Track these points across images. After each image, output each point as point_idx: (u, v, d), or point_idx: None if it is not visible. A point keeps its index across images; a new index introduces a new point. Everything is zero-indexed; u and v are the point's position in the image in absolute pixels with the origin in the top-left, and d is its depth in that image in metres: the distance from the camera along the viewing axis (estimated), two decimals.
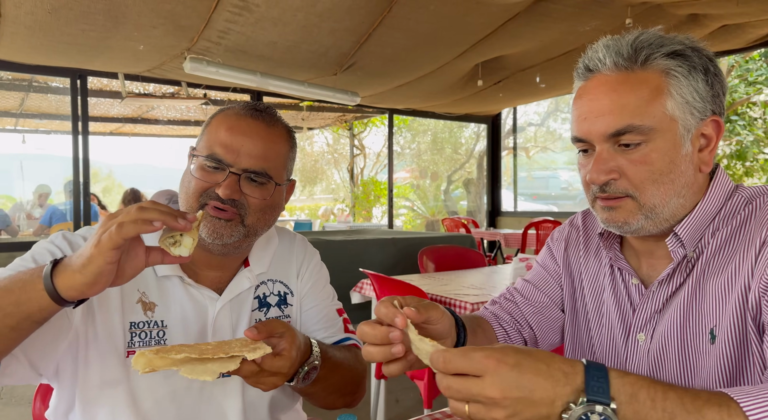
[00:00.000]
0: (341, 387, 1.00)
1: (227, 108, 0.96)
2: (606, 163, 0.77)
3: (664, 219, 0.79)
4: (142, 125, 8.40)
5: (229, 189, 0.88)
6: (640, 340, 0.85)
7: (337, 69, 4.83)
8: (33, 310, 0.69)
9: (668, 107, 0.75)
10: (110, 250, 0.66)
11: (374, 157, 11.39)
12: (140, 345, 0.88)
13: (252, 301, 1.00)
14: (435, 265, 3.36)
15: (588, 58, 0.80)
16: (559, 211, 8.95)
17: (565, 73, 5.53)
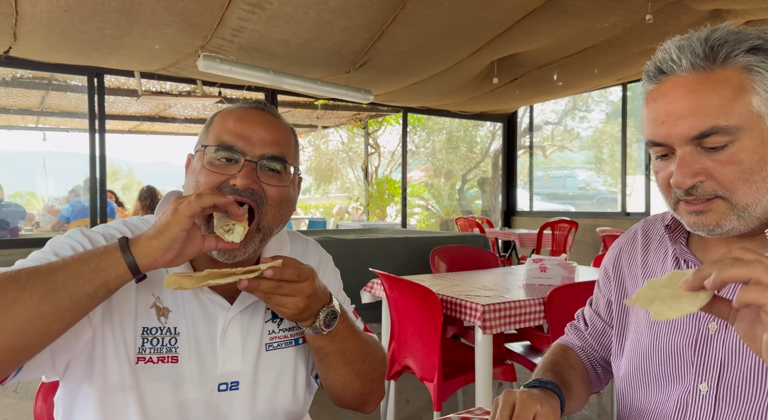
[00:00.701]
0: (360, 360, 0.97)
1: (226, 107, 0.94)
2: (691, 166, 0.73)
3: (756, 217, 0.74)
4: (159, 123, 8.50)
5: (247, 178, 0.85)
6: (711, 329, 0.80)
7: (350, 67, 4.80)
8: (110, 277, 0.73)
9: (754, 104, 0.71)
10: (187, 216, 0.74)
11: (389, 156, 11.37)
12: (151, 352, 0.86)
13: (265, 312, 0.97)
14: (447, 266, 3.32)
15: (659, 61, 0.76)
16: (576, 211, 8.82)
17: (583, 70, 5.43)
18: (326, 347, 0.92)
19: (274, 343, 0.96)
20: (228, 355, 0.91)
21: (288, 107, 7.41)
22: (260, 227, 0.88)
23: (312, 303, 0.85)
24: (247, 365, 0.93)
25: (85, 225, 5.36)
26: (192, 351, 0.89)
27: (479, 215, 8.79)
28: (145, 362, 0.86)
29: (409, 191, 7.71)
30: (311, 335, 0.90)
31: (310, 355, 1.02)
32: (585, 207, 9.33)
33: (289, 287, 0.82)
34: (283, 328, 0.98)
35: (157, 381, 0.86)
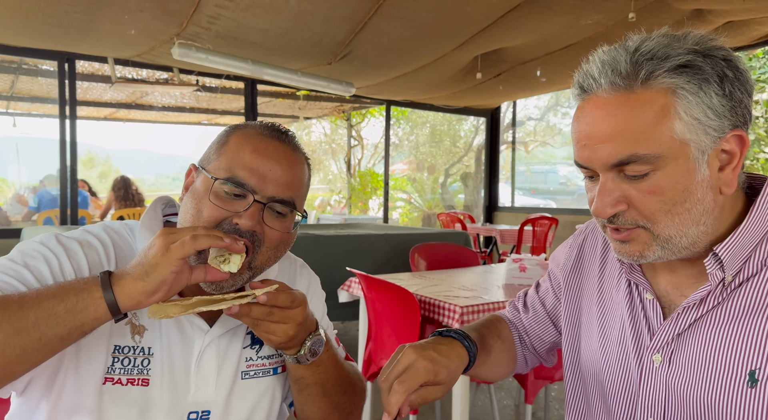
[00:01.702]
0: (339, 393, 0.92)
1: (245, 126, 0.86)
2: (611, 194, 0.69)
3: (683, 247, 0.70)
4: (136, 111, 8.30)
5: (252, 219, 0.78)
6: (655, 361, 0.77)
7: (332, 58, 4.71)
8: (87, 319, 0.68)
9: (677, 130, 0.65)
10: (179, 258, 0.68)
11: (372, 149, 11.29)
12: (121, 372, 0.80)
13: (244, 338, 0.91)
14: (427, 264, 3.28)
15: (582, 76, 0.71)
16: (557, 207, 8.88)
17: (566, 67, 5.42)
18: (308, 378, 0.87)
19: (251, 371, 0.91)
20: (201, 381, 0.85)
21: (269, 97, 7.28)
22: (252, 266, 0.82)
23: (300, 331, 0.81)
24: (220, 393, 0.87)
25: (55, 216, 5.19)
26: (164, 375, 0.83)
27: (462, 210, 8.80)
28: (113, 383, 0.80)
29: (391, 185, 7.67)
30: (293, 365, 0.86)
31: (286, 384, 0.97)
32: (566, 202, 9.42)
33: (281, 314, 0.77)
34: (262, 355, 0.93)
35: (123, 405, 0.80)
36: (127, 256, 0.85)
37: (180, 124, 9.94)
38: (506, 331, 1.03)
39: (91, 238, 0.84)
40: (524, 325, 1.04)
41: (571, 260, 0.97)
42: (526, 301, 1.07)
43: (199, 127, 10.30)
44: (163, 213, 0.93)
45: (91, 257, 0.82)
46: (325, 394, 0.90)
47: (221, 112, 8.71)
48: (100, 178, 15.19)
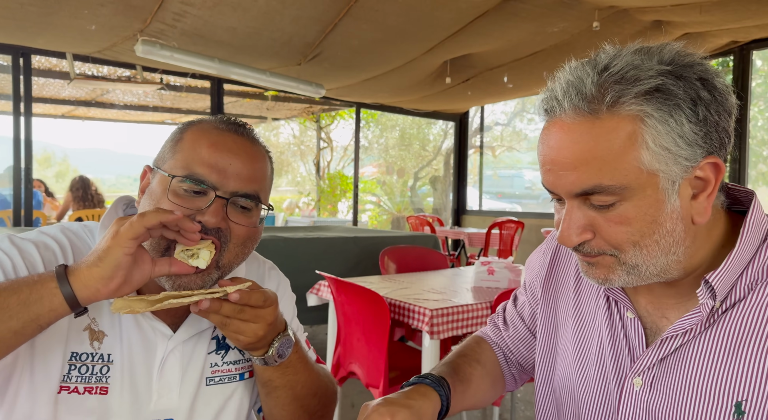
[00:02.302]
0: (309, 395, 0.89)
1: (200, 121, 0.82)
2: (577, 223, 0.66)
3: (653, 274, 0.67)
4: (96, 109, 8.01)
5: (216, 216, 0.75)
6: (635, 385, 0.73)
7: (302, 59, 4.66)
8: (42, 311, 0.65)
9: (644, 161, 0.61)
10: (129, 239, 0.66)
11: (341, 151, 11.24)
12: (78, 380, 0.76)
13: (209, 343, 0.88)
14: (396, 266, 3.28)
15: (546, 97, 0.66)
16: (522, 210, 9.05)
17: (532, 74, 5.53)
18: (276, 380, 0.84)
19: (216, 377, 0.88)
20: (164, 388, 0.82)
21: (236, 97, 7.15)
22: (220, 265, 0.79)
23: (270, 331, 0.78)
24: (183, 401, 0.83)
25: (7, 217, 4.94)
26: (125, 382, 0.79)
27: (431, 213, 8.86)
28: (69, 392, 0.75)
29: (361, 187, 7.65)
30: (261, 367, 0.82)
31: (254, 390, 0.94)
32: (531, 206, 9.60)
33: (252, 313, 0.74)
34: (228, 361, 0.89)
35: (79, 414, 0.76)
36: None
37: (143, 123, 9.66)
38: (487, 353, 0.99)
39: (47, 239, 0.80)
40: (507, 344, 1.01)
41: (545, 267, 0.93)
42: (506, 317, 1.03)
43: (163, 127, 10.04)
44: (125, 213, 0.89)
45: (48, 259, 0.78)
46: (295, 397, 0.87)
47: (186, 111, 8.51)
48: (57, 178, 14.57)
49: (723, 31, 4.36)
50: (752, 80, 5.02)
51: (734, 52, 4.98)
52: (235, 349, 0.90)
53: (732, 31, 4.42)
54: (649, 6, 3.78)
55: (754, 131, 5.34)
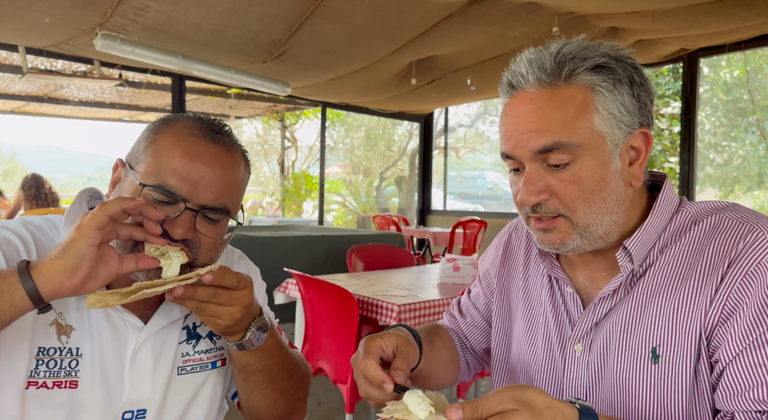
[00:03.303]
0: (285, 378, 0.91)
1: (176, 121, 0.81)
2: (536, 184, 0.75)
3: (599, 237, 0.76)
4: (49, 105, 7.67)
5: (184, 227, 0.75)
6: (577, 351, 0.83)
7: (267, 57, 4.63)
8: (3, 307, 0.64)
9: (595, 123, 0.72)
10: (93, 229, 0.65)
11: (306, 151, 11.16)
12: (46, 375, 0.75)
13: (180, 333, 0.88)
14: (364, 264, 3.31)
15: (511, 74, 0.77)
16: (485, 210, 9.24)
17: (494, 76, 5.67)
18: (253, 364, 0.85)
19: (188, 367, 0.88)
20: (137, 380, 0.82)
21: (197, 94, 7.01)
22: (193, 267, 0.79)
23: (246, 314, 0.79)
24: (156, 391, 0.84)
25: None
26: (95, 375, 0.79)
27: (396, 213, 8.92)
28: (37, 387, 0.75)
29: (326, 187, 7.63)
30: (237, 352, 0.83)
31: (227, 378, 0.95)
32: (493, 206, 9.81)
33: (226, 295, 0.75)
34: (199, 350, 0.90)
35: (48, 409, 0.75)
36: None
37: (98, 120, 9.32)
38: (445, 333, 1.05)
39: (9, 234, 0.78)
40: (462, 331, 1.07)
41: (498, 259, 1.02)
42: (461, 308, 1.10)
43: (120, 124, 9.71)
44: (89, 206, 0.88)
45: (9, 255, 0.76)
46: (271, 381, 0.89)
47: (145, 108, 8.27)
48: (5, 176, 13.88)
49: (673, 38, 4.60)
50: (700, 86, 5.31)
51: (683, 59, 5.25)
52: (206, 338, 0.91)
53: (681, 39, 4.67)
54: (605, 13, 3.95)
55: (702, 135, 5.64)
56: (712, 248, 0.74)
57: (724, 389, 0.70)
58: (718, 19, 3.97)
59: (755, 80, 5.23)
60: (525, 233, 1.00)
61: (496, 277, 1.01)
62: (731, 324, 0.70)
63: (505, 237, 1.04)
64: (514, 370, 0.95)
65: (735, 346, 0.69)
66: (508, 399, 0.60)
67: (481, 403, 0.60)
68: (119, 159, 0.83)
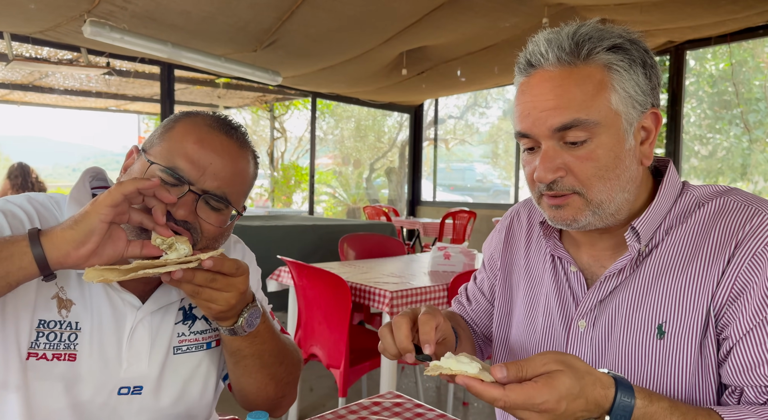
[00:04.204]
0: (276, 363, 0.93)
1: (195, 114, 0.85)
2: (553, 161, 0.76)
3: (610, 214, 0.79)
4: (33, 93, 7.55)
5: (185, 208, 0.78)
6: (580, 327, 0.85)
7: (258, 45, 4.60)
8: (12, 268, 0.66)
9: (612, 101, 0.75)
10: (107, 206, 0.67)
11: (296, 142, 11.11)
12: (46, 347, 0.77)
13: (177, 313, 0.90)
14: (356, 253, 3.33)
15: (529, 53, 0.78)
16: (474, 201, 9.30)
17: (484, 68, 5.70)
18: (245, 349, 0.87)
19: (183, 347, 0.90)
20: (134, 357, 0.84)
21: (186, 84, 6.94)
22: None
23: (240, 301, 0.80)
24: (152, 369, 0.86)
25: None
26: (93, 350, 0.81)
27: (386, 204, 8.95)
28: (38, 359, 0.77)
29: (316, 178, 7.62)
30: (229, 337, 0.85)
31: (221, 358, 0.97)
32: (482, 198, 9.87)
33: (224, 281, 0.77)
34: (194, 331, 0.92)
35: (48, 380, 0.78)
36: None
37: (84, 109, 9.18)
38: (462, 322, 1.08)
39: (14, 208, 0.80)
40: (472, 317, 1.10)
41: (501, 242, 1.05)
42: (468, 295, 1.13)
43: (107, 114, 9.58)
44: (91, 185, 0.90)
45: (15, 227, 0.78)
46: (263, 365, 0.91)
47: (132, 97, 8.17)
48: None
49: (661, 30, 4.65)
50: (686, 79, 5.38)
51: (670, 51, 5.32)
52: (201, 319, 0.93)
53: (669, 31, 4.73)
54: (594, 4, 3.98)
55: (687, 127, 5.73)
56: (719, 230, 0.77)
57: (734, 365, 0.73)
58: (705, 12, 4.03)
59: (740, 73, 5.31)
60: (526, 217, 1.02)
61: (499, 260, 1.04)
62: (741, 303, 0.73)
63: (507, 221, 1.06)
64: (513, 350, 0.98)
65: (746, 323, 0.72)
66: (553, 361, 0.62)
67: (526, 364, 0.62)
68: (134, 146, 0.86)
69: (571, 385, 0.61)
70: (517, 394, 0.60)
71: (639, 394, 0.65)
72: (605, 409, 0.63)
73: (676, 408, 0.67)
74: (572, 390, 0.61)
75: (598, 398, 0.63)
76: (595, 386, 0.63)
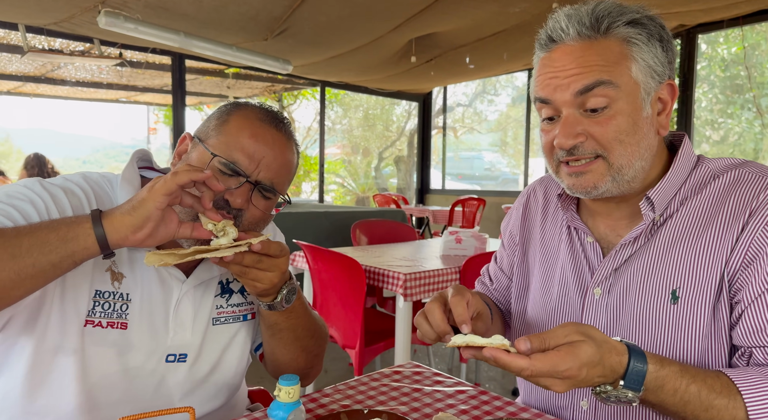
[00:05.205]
0: (308, 337, 1.00)
1: (245, 106, 0.91)
2: (573, 127, 0.80)
3: (627, 181, 0.82)
4: (45, 85, 7.62)
5: (242, 197, 0.85)
6: (596, 294, 0.89)
7: (268, 34, 4.63)
8: (78, 248, 0.71)
9: (633, 70, 0.78)
10: (163, 195, 0.72)
11: (304, 132, 11.15)
12: (101, 315, 0.84)
13: (216, 287, 0.97)
14: (368, 239, 3.38)
15: (550, 29, 0.82)
16: (482, 189, 9.30)
17: (493, 54, 5.68)
18: (281, 323, 0.94)
19: (222, 318, 0.97)
20: (179, 326, 0.91)
21: (196, 74, 6.98)
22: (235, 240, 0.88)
23: (280, 280, 0.87)
24: (195, 338, 0.93)
25: None
26: (143, 320, 0.88)
27: (395, 193, 8.98)
28: (94, 326, 0.84)
29: (325, 168, 7.66)
30: (268, 312, 0.92)
31: (254, 330, 1.04)
32: (490, 187, 9.86)
33: (269, 262, 0.83)
34: (232, 303, 0.99)
35: (103, 346, 0.84)
36: (106, 206, 0.88)
37: (95, 101, 9.26)
38: (490, 300, 1.13)
39: (72, 185, 0.86)
40: (495, 296, 1.14)
41: (519, 219, 1.09)
42: (490, 274, 1.18)
43: (117, 105, 9.65)
44: (138, 165, 0.96)
45: (75, 204, 0.84)
46: (296, 338, 0.98)
47: (142, 89, 8.23)
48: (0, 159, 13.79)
49: (672, 14, 4.61)
50: (697, 63, 5.33)
51: (682, 35, 5.27)
52: (238, 292, 1.00)
53: (680, 15, 4.68)
54: None
55: (699, 112, 5.69)
56: (734, 199, 0.80)
57: (745, 327, 0.76)
58: None
59: (752, 56, 5.25)
60: (543, 193, 1.06)
61: (518, 236, 1.08)
62: (754, 268, 0.76)
63: (523, 198, 1.11)
64: (529, 320, 1.01)
65: (757, 287, 0.76)
66: (573, 331, 0.66)
67: (548, 335, 0.66)
68: (187, 132, 0.92)
69: (592, 354, 0.65)
70: (543, 363, 0.64)
71: (651, 360, 0.69)
72: (620, 374, 0.67)
73: (686, 371, 0.70)
74: (593, 358, 0.65)
75: (614, 364, 0.67)
76: (611, 353, 0.67)
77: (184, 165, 0.76)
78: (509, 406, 0.92)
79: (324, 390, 0.97)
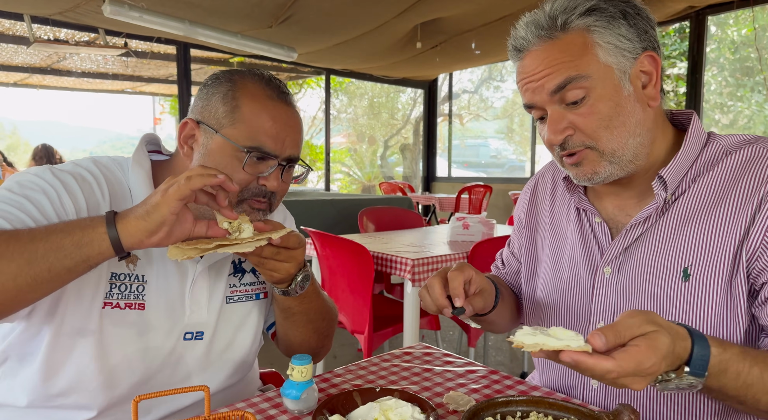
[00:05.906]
0: (319, 319, 1.02)
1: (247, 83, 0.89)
2: (558, 123, 0.82)
3: (628, 160, 0.83)
4: (51, 77, 7.63)
5: (277, 180, 0.88)
6: (606, 273, 0.89)
7: (273, 21, 4.60)
8: (93, 253, 0.71)
9: (600, 56, 0.79)
10: (176, 200, 0.71)
11: (309, 121, 11.13)
12: (119, 297, 0.86)
13: (229, 266, 0.99)
14: (375, 226, 3.39)
15: (514, 40, 0.85)
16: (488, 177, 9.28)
17: (500, 39, 5.62)
18: (294, 307, 0.97)
19: (235, 297, 0.99)
20: (195, 305, 0.92)
21: (200, 64, 6.97)
22: (270, 210, 0.92)
23: (297, 269, 0.89)
24: (211, 316, 0.94)
25: None
26: (160, 300, 0.89)
27: (401, 181, 8.97)
28: (112, 307, 0.85)
29: (331, 157, 7.66)
30: (282, 297, 0.94)
31: (266, 309, 1.06)
32: (496, 174, 9.83)
33: (287, 254, 0.85)
34: (244, 282, 1.00)
35: (122, 327, 0.86)
36: (118, 190, 0.89)
37: (100, 92, 9.27)
38: (504, 283, 1.14)
39: (83, 171, 0.86)
40: (508, 280, 1.16)
41: (526, 203, 1.11)
42: (502, 259, 1.19)
43: (122, 96, 9.66)
44: (148, 149, 0.96)
45: (87, 191, 0.85)
46: (309, 321, 1.00)
47: (147, 79, 8.23)
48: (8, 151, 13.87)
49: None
50: (707, 46, 5.25)
51: (691, 17, 5.18)
52: (250, 272, 1.02)
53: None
54: None
55: (708, 95, 5.62)
56: (751, 175, 0.80)
57: None
58: None
59: (763, 38, 5.17)
60: (551, 177, 1.07)
61: (524, 219, 1.09)
62: None
63: (532, 183, 1.12)
64: (539, 301, 1.02)
65: None
66: (645, 322, 0.62)
67: (620, 327, 0.62)
68: (189, 118, 0.90)
69: (669, 344, 0.62)
70: (628, 363, 0.59)
71: (713, 343, 0.66)
72: (684, 360, 0.65)
73: (747, 353, 0.69)
74: (670, 348, 0.62)
75: (680, 351, 0.64)
76: (679, 340, 0.64)
77: (198, 167, 0.75)
78: (520, 385, 0.93)
79: (335, 370, 0.99)
